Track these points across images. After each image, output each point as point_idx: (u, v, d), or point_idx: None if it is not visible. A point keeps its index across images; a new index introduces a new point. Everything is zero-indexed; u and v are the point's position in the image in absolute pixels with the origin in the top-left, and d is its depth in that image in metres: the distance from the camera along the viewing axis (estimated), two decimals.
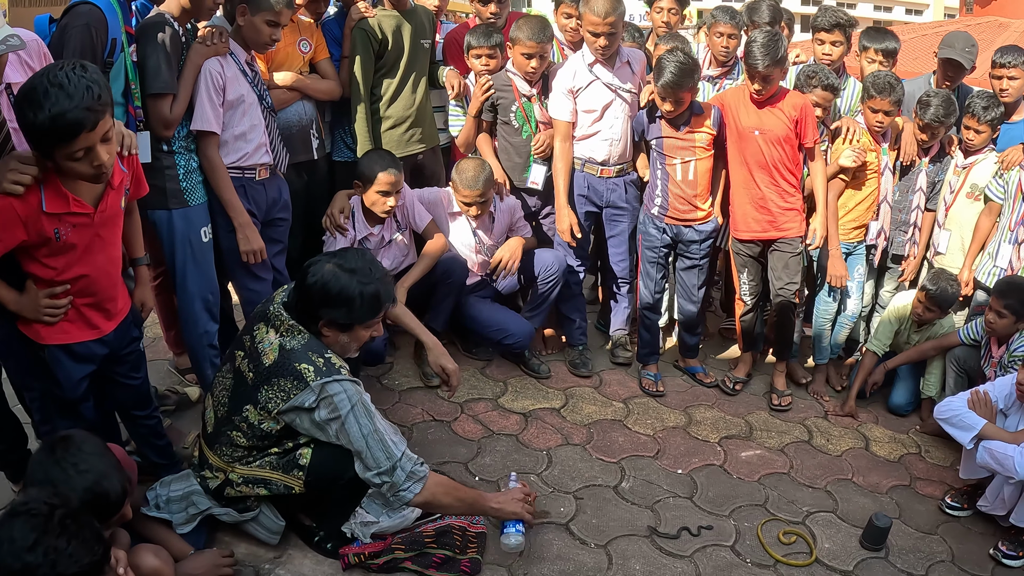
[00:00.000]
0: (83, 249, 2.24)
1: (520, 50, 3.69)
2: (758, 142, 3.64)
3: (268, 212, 3.26)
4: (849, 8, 44.25)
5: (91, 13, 2.57)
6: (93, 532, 1.70)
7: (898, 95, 3.79)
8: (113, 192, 2.27)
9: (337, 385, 2.35)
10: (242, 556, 2.56)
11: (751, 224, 3.77)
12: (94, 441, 2.07)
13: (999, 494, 3.11)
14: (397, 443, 2.45)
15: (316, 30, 3.65)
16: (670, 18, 4.25)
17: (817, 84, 3.80)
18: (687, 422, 3.73)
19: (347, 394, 2.37)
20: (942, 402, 3.29)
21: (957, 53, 4.05)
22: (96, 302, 2.36)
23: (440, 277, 3.62)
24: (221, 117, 2.99)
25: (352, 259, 2.45)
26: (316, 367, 2.36)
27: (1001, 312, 3.49)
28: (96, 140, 2.02)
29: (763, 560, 2.88)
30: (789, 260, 3.75)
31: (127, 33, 2.71)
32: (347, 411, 2.36)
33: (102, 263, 2.31)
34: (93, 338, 2.37)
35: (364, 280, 2.40)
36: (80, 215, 2.18)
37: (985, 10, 15.04)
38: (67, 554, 1.63)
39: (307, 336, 2.42)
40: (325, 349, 2.42)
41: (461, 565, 2.59)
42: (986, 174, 3.94)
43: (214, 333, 3.11)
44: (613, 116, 3.74)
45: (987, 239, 3.93)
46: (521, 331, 3.80)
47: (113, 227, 2.34)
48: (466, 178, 3.61)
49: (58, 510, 1.66)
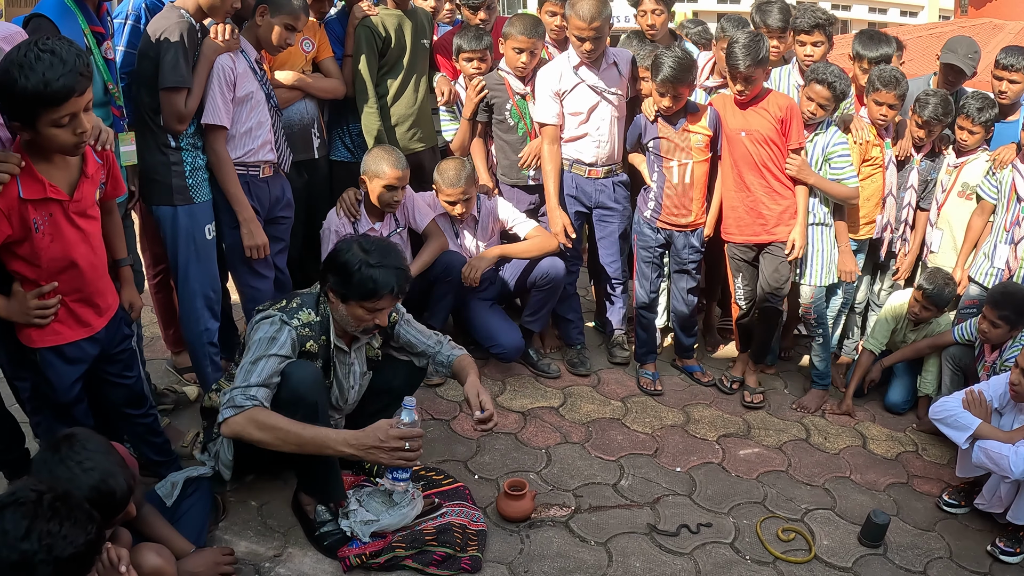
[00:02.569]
0: (63, 239, 2.22)
1: (512, 44, 3.72)
2: (745, 143, 3.65)
3: (271, 210, 3.27)
4: (844, 10, 44.42)
5: (42, 27, 2.49)
6: (84, 512, 1.71)
7: (903, 89, 3.78)
8: (87, 181, 2.27)
9: (270, 322, 2.53)
10: (243, 554, 2.56)
11: (743, 228, 3.76)
12: (98, 439, 2.07)
13: (995, 492, 3.12)
14: (252, 380, 2.42)
15: (320, 29, 3.66)
16: (654, 20, 4.13)
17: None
18: (685, 420, 3.74)
19: (267, 327, 2.52)
20: (937, 402, 3.29)
21: (959, 59, 4.07)
22: (84, 297, 2.34)
23: (440, 275, 3.63)
24: (231, 112, 3.01)
25: (373, 243, 2.60)
26: (282, 306, 2.61)
27: (995, 322, 3.49)
28: (81, 107, 2.06)
29: (762, 557, 2.89)
30: (779, 264, 3.74)
31: (94, 33, 2.67)
32: (255, 339, 2.52)
33: (85, 254, 2.30)
34: (85, 336, 2.36)
35: (370, 261, 2.51)
36: (55, 201, 2.17)
37: (980, 12, 15.12)
38: (61, 536, 1.63)
39: (318, 292, 2.66)
40: (317, 308, 2.63)
41: (461, 563, 2.59)
42: (977, 173, 3.95)
43: (215, 331, 3.12)
44: (600, 118, 3.75)
45: (980, 239, 3.95)
46: (510, 343, 3.75)
47: (91, 219, 2.32)
48: (448, 177, 3.63)
49: (46, 495, 1.67)
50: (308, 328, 2.59)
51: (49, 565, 1.62)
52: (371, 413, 2.94)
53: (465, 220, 3.80)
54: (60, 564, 1.63)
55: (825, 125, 3.75)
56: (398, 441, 2.41)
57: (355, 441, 2.42)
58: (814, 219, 3.78)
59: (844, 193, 3.74)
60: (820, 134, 3.74)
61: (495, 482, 3.07)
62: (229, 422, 2.39)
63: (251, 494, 2.82)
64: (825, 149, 3.72)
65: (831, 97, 3.61)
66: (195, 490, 2.63)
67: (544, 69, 3.75)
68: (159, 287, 3.45)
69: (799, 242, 3.69)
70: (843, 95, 3.67)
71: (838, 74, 3.62)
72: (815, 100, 3.63)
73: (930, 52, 10.85)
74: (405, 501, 2.72)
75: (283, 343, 2.50)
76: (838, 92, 3.61)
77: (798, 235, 3.69)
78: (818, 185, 3.72)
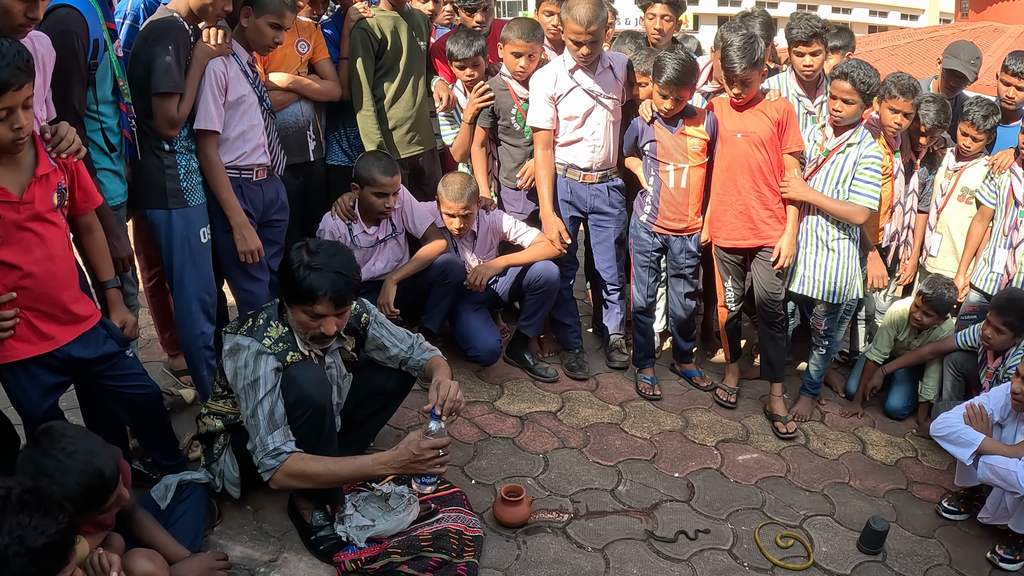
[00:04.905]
0: (16, 243, 2.17)
1: (510, 49, 3.71)
2: (740, 145, 3.60)
3: (265, 213, 3.26)
4: (844, 13, 44.45)
5: (70, 17, 2.50)
6: (55, 503, 1.71)
7: (919, 98, 3.67)
8: (39, 184, 2.22)
9: (243, 360, 2.46)
10: (237, 559, 2.55)
11: (732, 232, 3.72)
12: (74, 426, 2.12)
13: (1000, 505, 3.09)
14: (261, 432, 2.44)
15: (316, 30, 3.64)
16: (663, 25, 4.13)
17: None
18: (684, 425, 3.72)
19: (241, 367, 2.46)
20: (937, 419, 3.22)
21: (961, 65, 4.05)
22: (43, 308, 2.27)
23: (437, 278, 3.61)
24: (223, 117, 2.99)
25: (321, 246, 2.54)
26: (249, 326, 2.55)
27: (1000, 328, 3.48)
28: (19, 102, 2.05)
29: (761, 564, 2.87)
30: (772, 269, 3.71)
31: (109, 30, 2.68)
32: (239, 387, 2.48)
33: (41, 260, 2.23)
34: (47, 351, 2.30)
35: (311, 264, 2.45)
36: (4, 203, 2.14)
37: (980, 15, 15.14)
38: (32, 527, 1.64)
39: (279, 301, 2.61)
40: (281, 318, 2.57)
41: (458, 569, 2.57)
42: (977, 177, 3.94)
43: (210, 335, 3.10)
44: (595, 122, 3.73)
45: (980, 245, 3.93)
46: (485, 348, 3.71)
47: (49, 224, 2.26)
48: (452, 191, 3.61)
49: (14, 489, 1.67)
50: (282, 342, 2.53)
51: (23, 557, 1.62)
52: (367, 415, 2.95)
53: (464, 235, 3.79)
54: (34, 555, 1.63)
55: (861, 134, 3.57)
56: (432, 451, 2.46)
57: (393, 461, 2.47)
58: (838, 235, 3.63)
59: (846, 212, 3.55)
60: (855, 144, 3.55)
61: (492, 487, 3.06)
62: (270, 482, 2.48)
63: (246, 498, 2.80)
64: (857, 162, 3.55)
65: (851, 90, 3.42)
66: (190, 494, 2.61)
67: (539, 73, 3.72)
68: (154, 290, 3.43)
69: (785, 251, 3.62)
70: (865, 86, 3.42)
71: (856, 65, 3.45)
72: (838, 97, 3.47)
73: (931, 55, 10.85)
74: (401, 506, 2.70)
75: (266, 379, 2.46)
76: (858, 83, 3.41)
77: (785, 244, 3.62)
78: (818, 202, 3.58)
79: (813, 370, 3.96)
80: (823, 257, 3.66)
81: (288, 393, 2.48)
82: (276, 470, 2.44)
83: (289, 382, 2.49)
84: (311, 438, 2.52)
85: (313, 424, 2.52)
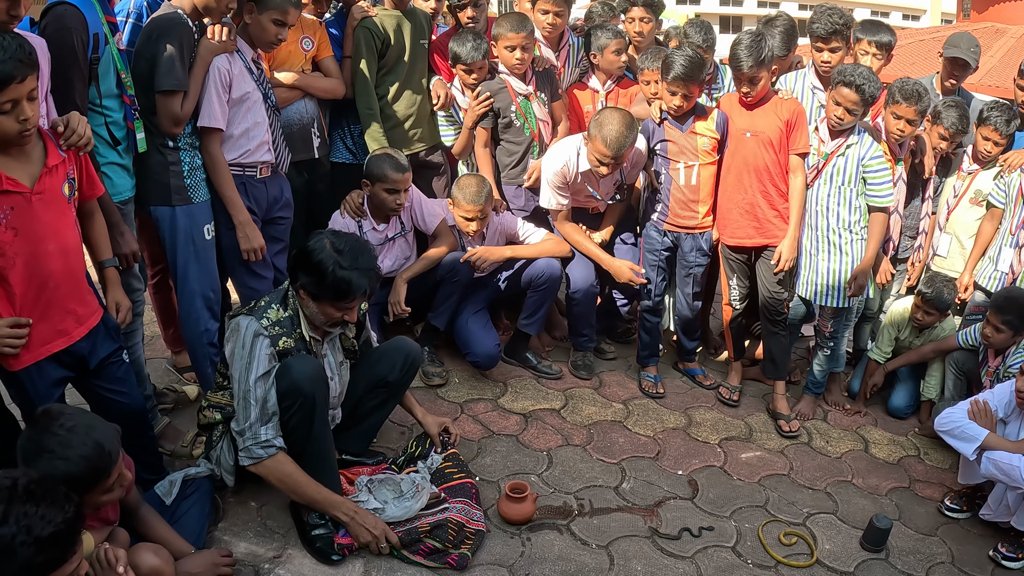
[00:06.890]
0: (28, 234, 2.18)
1: (504, 44, 3.71)
2: (749, 144, 3.60)
3: (269, 210, 3.26)
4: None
5: (68, 14, 2.50)
6: (61, 492, 1.73)
7: (924, 104, 3.58)
8: (49, 174, 2.23)
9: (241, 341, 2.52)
10: (241, 555, 2.55)
11: (738, 231, 3.73)
12: (71, 407, 2.14)
13: (1002, 501, 3.10)
14: (252, 419, 2.50)
15: (320, 28, 3.64)
16: (642, 27, 4.10)
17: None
18: (687, 423, 3.72)
19: (238, 348, 2.52)
20: (942, 414, 3.23)
21: (963, 52, 4.05)
22: (59, 301, 2.29)
23: (446, 275, 3.62)
24: (227, 114, 2.99)
25: (347, 242, 2.58)
26: (251, 307, 2.61)
27: (999, 327, 3.48)
28: (23, 94, 2.06)
29: (764, 561, 2.88)
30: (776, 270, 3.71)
31: (109, 23, 2.67)
32: (234, 370, 2.53)
33: (55, 252, 2.25)
34: (63, 347, 2.32)
35: (343, 263, 2.50)
36: (15, 194, 2.15)
37: (982, 16, 15.14)
38: (39, 516, 1.65)
39: (286, 288, 2.66)
40: (285, 304, 2.62)
41: (448, 558, 2.60)
42: (991, 181, 3.93)
43: (214, 331, 3.10)
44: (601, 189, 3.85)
45: (988, 244, 3.93)
46: (483, 353, 3.71)
47: (58, 214, 2.27)
48: (468, 193, 3.59)
49: (20, 479, 1.69)
50: (278, 326, 2.59)
51: (30, 546, 1.63)
52: (371, 408, 2.97)
53: (474, 236, 3.79)
54: (41, 544, 1.64)
55: (858, 133, 3.56)
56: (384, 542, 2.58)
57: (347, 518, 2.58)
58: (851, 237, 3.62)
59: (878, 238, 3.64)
60: (854, 145, 3.54)
61: (496, 484, 3.06)
62: (250, 467, 2.55)
63: (251, 495, 2.80)
64: (862, 162, 3.54)
65: (859, 101, 3.39)
66: (195, 491, 2.62)
67: (550, 163, 3.70)
68: (158, 287, 3.43)
69: (786, 255, 3.62)
70: (872, 98, 3.43)
71: (867, 76, 3.40)
72: (842, 104, 3.42)
73: (932, 56, 10.84)
74: (411, 492, 2.72)
75: (260, 360, 2.51)
76: (867, 95, 3.38)
77: (786, 248, 3.62)
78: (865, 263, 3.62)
79: (816, 370, 3.96)
80: (836, 262, 3.66)
81: (281, 381, 2.53)
82: (262, 461, 2.52)
83: (284, 372, 2.53)
84: (302, 429, 2.56)
85: (304, 415, 2.55)
